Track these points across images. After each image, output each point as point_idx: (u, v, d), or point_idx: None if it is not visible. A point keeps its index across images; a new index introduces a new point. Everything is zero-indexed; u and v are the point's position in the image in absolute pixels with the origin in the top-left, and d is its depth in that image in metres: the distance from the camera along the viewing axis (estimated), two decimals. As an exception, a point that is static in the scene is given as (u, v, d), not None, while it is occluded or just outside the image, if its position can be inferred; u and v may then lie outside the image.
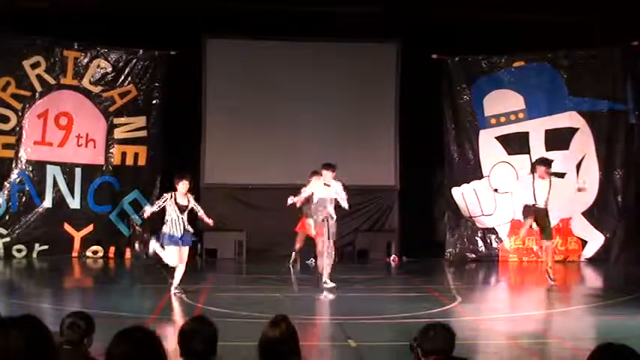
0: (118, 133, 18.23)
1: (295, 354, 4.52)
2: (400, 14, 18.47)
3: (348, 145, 19.08)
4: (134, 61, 18.27)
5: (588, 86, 18.19)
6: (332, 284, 13.43)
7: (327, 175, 13.52)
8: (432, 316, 10.81)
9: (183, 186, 12.74)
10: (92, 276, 16.80)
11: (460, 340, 4.78)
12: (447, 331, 4.63)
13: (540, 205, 14.14)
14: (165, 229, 12.70)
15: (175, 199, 12.71)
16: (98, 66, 18.05)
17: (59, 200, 17.78)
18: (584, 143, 18.18)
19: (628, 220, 18.16)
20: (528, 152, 18.26)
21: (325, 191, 13.54)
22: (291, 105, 19.20)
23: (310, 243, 17.60)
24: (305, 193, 13.82)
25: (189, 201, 12.83)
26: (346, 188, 13.84)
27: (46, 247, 17.60)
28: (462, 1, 18.09)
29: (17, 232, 17.49)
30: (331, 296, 13.03)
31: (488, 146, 18.49)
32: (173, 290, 12.65)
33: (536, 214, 14.21)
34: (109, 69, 18.12)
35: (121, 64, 18.20)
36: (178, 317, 11.30)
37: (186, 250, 12.82)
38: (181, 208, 12.70)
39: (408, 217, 19.21)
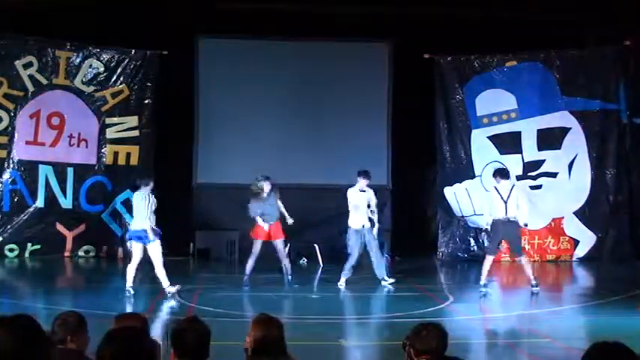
0: (110, 133, 18.21)
1: (283, 353, 4.53)
2: (392, 14, 18.47)
3: (341, 144, 19.10)
4: (126, 61, 18.26)
5: (580, 86, 18.21)
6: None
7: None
8: (424, 316, 10.82)
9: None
10: (84, 275, 16.78)
11: (452, 339, 4.78)
12: (440, 331, 4.62)
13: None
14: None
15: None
16: (90, 66, 18.03)
17: (51, 200, 17.76)
18: (576, 143, 18.21)
19: (620, 220, 18.21)
20: (520, 152, 18.29)
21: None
22: (283, 104, 19.19)
23: (306, 244, 17.67)
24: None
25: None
26: None
27: (38, 246, 17.59)
28: (455, 1, 18.08)
29: (9, 231, 17.48)
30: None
31: (481, 146, 18.51)
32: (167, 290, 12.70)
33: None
34: (101, 69, 18.11)
35: (113, 64, 18.19)
36: (171, 317, 11.29)
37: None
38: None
39: (400, 216, 19.22)
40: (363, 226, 14.16)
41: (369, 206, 14.25)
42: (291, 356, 4.65)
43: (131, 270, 12.80)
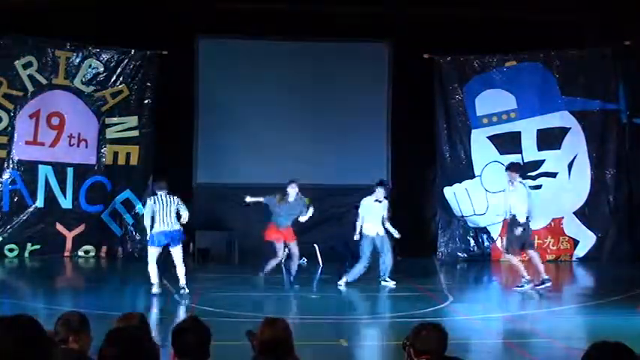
0: (110, 133, 18.21)
1: (290, 353, 4.55)
2: (392, 14, 18.47)
3: (340, 144, 19.09)
4: (126, 61, 18.25)
5: (580, 86, 18.22)
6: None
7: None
8: (424, 316, 10.83)
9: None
10: (84, 276, 16.78)
11: (452, 339, 4.78)
12: (439, 331, 4.62)
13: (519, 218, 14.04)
14: None
15: None
16: (90, 66, 18.03)
17: (51, 200, 17.76)
18: (575, 143, 18.22)
19: (619, 220, 18.22)
20: (520, 152, 18.29)
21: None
22: (283, 104, 19.19)
23: (306, 244, 17.68)
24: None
25: None
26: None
27: (38, 246, 17.58)
28: (455, 1, 18.08)
29: (9, 231, 17.47)
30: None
31: (481, 146, 18.52)
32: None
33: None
34: (101, 69, 18.11)
35: (112, 64, 18.18)
36: (172, 317, 11.29)
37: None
38: None
39: (399, 216, 19.16)
40: (377, 234, 14.42)
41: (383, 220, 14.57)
42: (298, 358, 4.66)
43: (153, 268, 12.88)
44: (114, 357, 3.40)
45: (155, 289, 12.84)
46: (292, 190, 14.24)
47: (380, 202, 14.56)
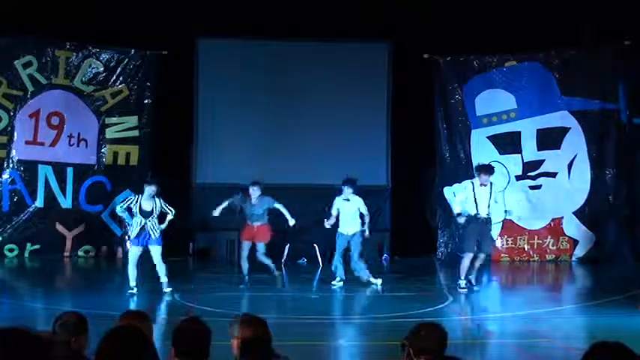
0: (110, 133, 18.23)
1: (272, 352, 4.52)
2: (392, 14, 18.46)
3: (340, 144, 19.08)
4: (126, 60, 18.28)
5: (580, 86, 18.21)
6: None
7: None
8: (424, 316, 10.83)
9: (147, 190, 12.89)
10: (84, 275, 16.76)
11: (451, 339, 4.77)
12: (439, 331, 4.62)
13: (482, 215, 13.94)
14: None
15: (140, 204, 12.80)
16: (90, 66, 18.05)
17: (51, 200, 17.78)
18: (575, 143, 18.21)
19: (619, 220, 18.21)
20: (520, 152, 18.29)
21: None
22: (283, 104, 19.18)
23: (305, 244, 17.70)
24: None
25: (155, 205, 12.83)
26: None
27: (37, 246, 17.60)
28: (455, 1, 18.08)
29: (9, 231, 17.50)
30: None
31: (480, 146, 18.52)
32: (164, 289, 12.85)
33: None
34: (101, 69, 18.13)
35: (112, 63, 18.21)
36: (172, 317, 11.29)
37: (153, 249, 12.85)
38: (144, 213, 12.75)
39: (399, 216, 19.22)
40: (348, 233, 14.30)
41: (362, 215, 14.34)
42: (281, 356, 4.65)
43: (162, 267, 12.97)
44: (111, 355, 3.40)
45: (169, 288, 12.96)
46: (253, 192, 14.15)
47: (348, 200, 14.35)
